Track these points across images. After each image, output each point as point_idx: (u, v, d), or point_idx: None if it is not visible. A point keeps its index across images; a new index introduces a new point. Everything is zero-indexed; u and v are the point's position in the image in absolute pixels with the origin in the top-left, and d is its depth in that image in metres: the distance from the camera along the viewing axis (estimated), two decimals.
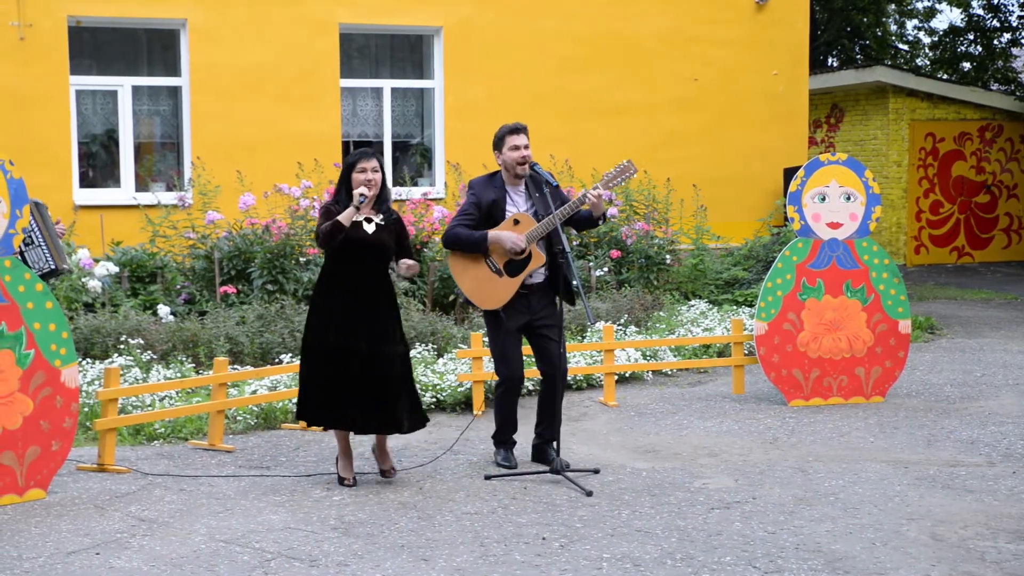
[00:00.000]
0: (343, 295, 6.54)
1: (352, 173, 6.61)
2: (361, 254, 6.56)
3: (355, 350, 6.48)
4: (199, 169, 12.43)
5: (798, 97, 15.95)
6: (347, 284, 6.55)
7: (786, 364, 8.75)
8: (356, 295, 6.53)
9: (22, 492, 6.34)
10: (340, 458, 6.74)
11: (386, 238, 6.65)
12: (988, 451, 7.39)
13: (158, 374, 8.77)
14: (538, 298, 6.95)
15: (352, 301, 6.52)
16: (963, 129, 20.43)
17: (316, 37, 13.74)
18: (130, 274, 11.16)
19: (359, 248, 6.54)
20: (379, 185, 6.64)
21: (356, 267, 6.57)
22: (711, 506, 6.20)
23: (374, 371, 6.50)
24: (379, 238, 6.61)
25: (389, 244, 6.67)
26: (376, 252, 6.60)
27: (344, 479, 6.66)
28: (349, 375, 6.48)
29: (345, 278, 6.57)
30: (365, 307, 6.53)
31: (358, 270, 6.57)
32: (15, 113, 12.57)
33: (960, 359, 10.78)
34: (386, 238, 6.65)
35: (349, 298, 6.52)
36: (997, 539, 5.62)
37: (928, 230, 20.40)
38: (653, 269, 12.83)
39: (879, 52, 29.36)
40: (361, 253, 6.56)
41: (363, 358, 6.48)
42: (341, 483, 6.64)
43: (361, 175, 6.58)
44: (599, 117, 14.80)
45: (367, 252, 6.57)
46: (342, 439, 6.72)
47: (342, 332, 6.49)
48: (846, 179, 8.85)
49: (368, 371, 6.49)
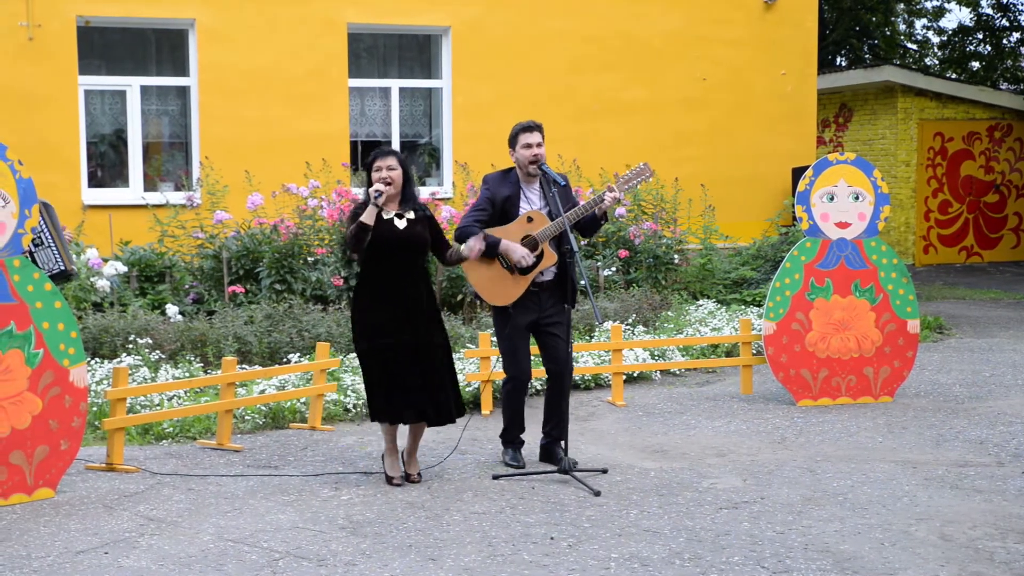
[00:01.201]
0: (384, 294, 6.56)
1: (371, 173, 6.65)
2: (396, 251, 6.57)
3: (407, 344, 6.51)
4: (207, 169, 12.44)
5: (806, 97, 15.93)
6: (386, 282, 6.57)
7: (794, 364, 8.74)
8: (396, 292, 6.56)
9: (31, 491, 6.35)
10: (387, 456, 6.73)
11: (420, 231, 6.67)
12: (997, 451, 7.37)
13: (166, 374, 8.78)
14: (548, 296, 6.95)
15: (394, 298, 6.55)
16: (972, 129, 20.38)
17: (324, 37, 13.75)
18: (139, 274, 11.18)
19: (393, 245, 6.56)
20: (400, 182, 6.65)
21: (393, 264, 6.58)
22: (719, 506, 6.19)
23: (422, 362, 6.55)
24: (412, 232, 6.63)
25: (424, 237, 6.68)
26: (410, 247, 6.62)
27: (392, 478, 6.65)
28: (406, 368, 6.51)
29: (384, 277, 6.58)
30: (407, 302, 6.56)
31: (395, 267, 6.58)
32: (24, 113, 12.60)
33: (969, 359, 10.75)
34: (420, 231, 6.67)
35: (391, 296, 6.55)
36: (1006, 539, 5.61)
37: (937, 230, 20.36)
38: (661, 269, 12.82)
39: (888, 52, 29.33)
40: (395, 250, 6.57)
41: (411, 350, 6.52)
42: (389, 482, 6.63)
43: (376, 174, 6.61)
44: (607, 117, 14.79)
45: (401, 248, 6.59)
46: (390, 437, 6.72)
47: (391, 331, 6.51)
48: (855, 179, 8.84)
49: (417, 362, 6.53)
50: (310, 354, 9.36)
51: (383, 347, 6.52)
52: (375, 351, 6.54)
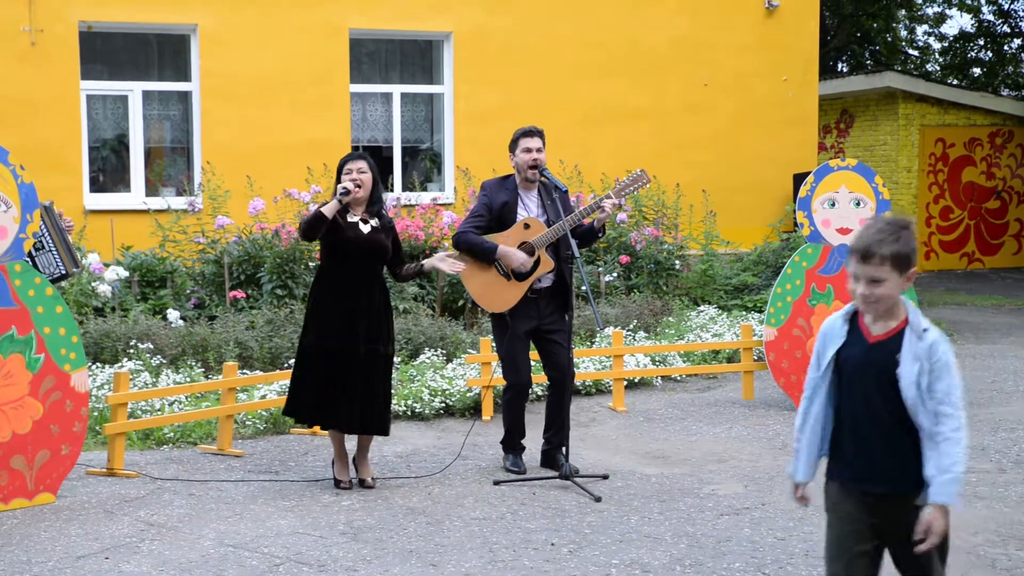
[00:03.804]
0: (340, 295, 6.59)
1: (340, 175, 6.71)
2: (357, 253, 6.62)
3: (353, 351, 6.52)
4: (209, 174, 12.45)
5: (808, 102, 15.94)
6: (344, 284, 6.61)
7: (796, 370, 8.73)
8: (353, 295, 6.59)
9: (32, 496, 6.35)
10: (336, 461, 6.77)
11: (382, 239, 6.72)
12: (999, 458, 7.37)
13: (167, 378, 8.78)
14: (546, 302, 6.95)
15: (349, 301, 6.57)
16: (973, 135, 20.38)
17: (326, 42, 13.76)
18: (140, 279, 11.18)
19: (355, 247, 6.61)
20: (368, 186, 6.69)
21: (352, 266, 6.63)
22: (720, 512, 6.19)
23: (365, 370, 6.56)
24: (375, 238, 6.69)
25: (385, 245, 6.73)
26: (371, 252, 6.67)
27: (340, 481, 6.68)
28: (344, 375, 6.52)
29: (342, 278, 6.62)
30: (362, 306, 6.59)
31: (354, 269, 6.62)
32: (26, 118, 12.60)
33: (970, 365, 10.74)
34: (382, 239, 6.72)
35: (346, 298, 6.58)
36: (1008, 546, 5.60)
37: (938, 236, 20.35)
38: (662, 274, 12.82)
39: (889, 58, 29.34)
40: (357, 252, 6.62)
41: (359, 358, 6.53)
42: (337, 486, 6.66)
43: (347, 176, 6.67)
44: (609, 123, 14.79)
45: (363, 252, 6.63)
46: (337, 441, 6.76)
47: (341, 333, 6.53)
48: (856, 185, 8.84)
49: (361, 370, 6.54)
50: None
51: (328, 348, 6.53)
52: (319, 351, 6.55)
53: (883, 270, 3.54)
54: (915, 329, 3.63)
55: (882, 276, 3.55)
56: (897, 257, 3.54)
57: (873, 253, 3.53)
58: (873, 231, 3.56)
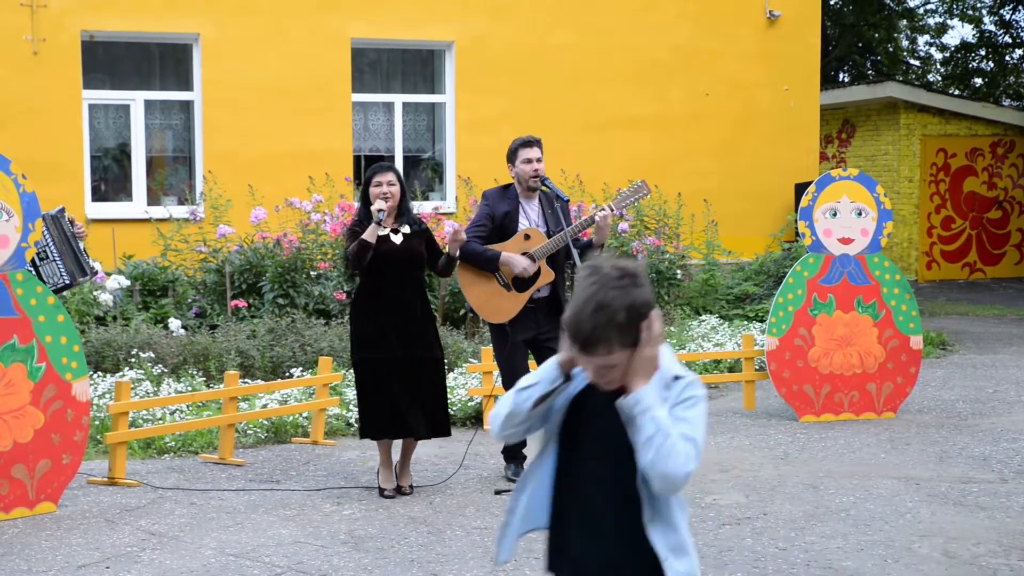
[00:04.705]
0: (382, 309, 6.63)
1: (369, 188, 6.69)
2: (393, 266, 6.64)
3: (398, 359, 6.56)
4: (211, 183, 12.46)
5: (809, 112, 15.94)
6: (382, 295, 6.64)
7: (797, 380, 8.73)
8: (393, 306, 6.62)
9: (33, 505, 6.35)
10: (381, 469, 6.77)
11: (416, 245, 6.75)
12: (1000, 468, 7.36)
13: (169, 388, 8.77)
14: (544, 313, 6.95)
15: (391, 313, 6.61)
16: (975, 145, 20.39)
17: (328, 52, 13.77)
18: (141, 287, 11.19)
19: (388, 260, 6.62)
20: (398, 197, 6.70)
21: (390, 279, 6.65)
22: (722, 522, 6.18)
23: (412, 378, 6.59)
24: (408, 247, 6.71)
25: (420, 251, 6.76)
26: (407, 261, 6.70)
27: (384, 490, 6.69)
28: (398, 385, 6.56)
29: (381, 292, 6.65)
30: (402, 315, 6.62)
31: (391, 280, 6.65)
32: (28, 126, 12.62)
33: (972, 375, 10.73)
34: (416, 245, 6.75)
35: (386, 309, 6.62)
36: (1010, 556, 5.59)
37: (940, 246, 20.35)
38: (664, 284, 12.81)
39: (890, 68, 29.38)
40: (393, 265, 6.64)
41: (404, 365, 6.57)
42: (381, 494, 6.67)
43: (377, 189, 6.67)
44: (610, 131, 14.80)
45: (398, 263, 6.65)
46: (385, 451, 6.75)
47: (384, 345, 6.57)
48: (857, 194, 8.84)
49: (407, 378, 6.58)
50: (312, 368, 9.35)
51: (376, 361, 6.58)
52: (368, 364, 6.60)
53: (613, 357, 2.81)
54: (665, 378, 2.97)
55: (613, 362, 2.83)
56: (625, 331, 2.79)
57: (597, 340, 2.81)
58: (590, 308, 2.81)
